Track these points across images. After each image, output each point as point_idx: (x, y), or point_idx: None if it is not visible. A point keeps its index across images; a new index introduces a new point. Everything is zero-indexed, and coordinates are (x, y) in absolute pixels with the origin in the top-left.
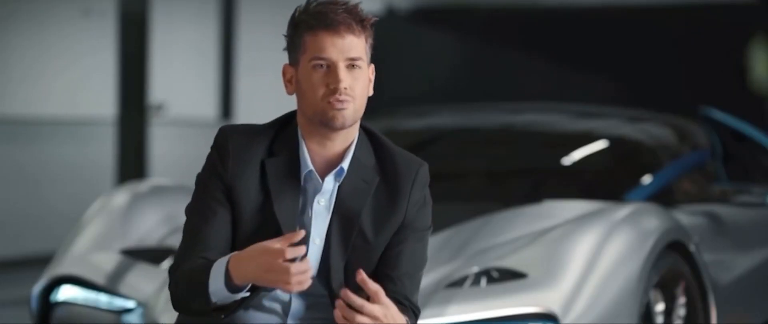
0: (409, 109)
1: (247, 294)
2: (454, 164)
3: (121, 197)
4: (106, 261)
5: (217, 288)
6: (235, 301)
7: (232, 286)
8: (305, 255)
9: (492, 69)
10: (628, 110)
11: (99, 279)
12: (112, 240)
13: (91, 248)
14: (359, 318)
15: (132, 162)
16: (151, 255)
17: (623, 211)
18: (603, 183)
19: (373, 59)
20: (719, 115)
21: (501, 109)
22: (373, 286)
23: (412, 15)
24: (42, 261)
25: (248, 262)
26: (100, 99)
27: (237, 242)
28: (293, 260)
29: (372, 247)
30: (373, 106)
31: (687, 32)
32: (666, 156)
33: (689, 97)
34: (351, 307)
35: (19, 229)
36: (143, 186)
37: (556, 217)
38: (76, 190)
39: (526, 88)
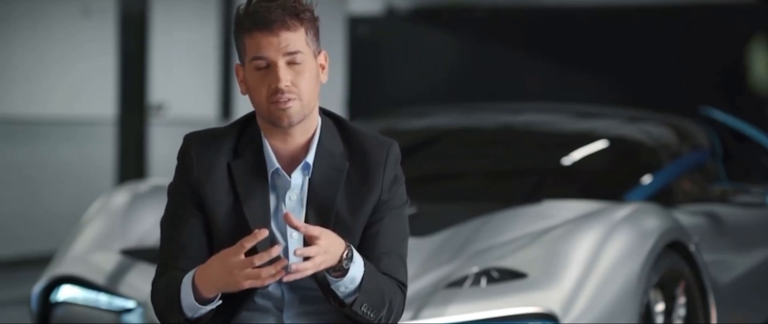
0: (409, 109)
1: (219, 302)
2: (454, 164)
3: (121, 197)
4: (106, 261)
5: (188, 302)
6: (211, 312)
7: (200, 299)
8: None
9: (492, 69)
10: (628, 110)
11: (99, 279)
12: (112, 240)
13: (91, 248)
14: (309, 254)
15: (132, 162)
16: (151, 255)
17: (623, 211)
18: (603, 183)
19: (374, 59)
20: (719, 115)
21: (501, 109)
22: (312, 230)
23: (412, 15)
24: (42, 261)
25: (210, 270)
26: (100, 99)
27: (213, 247)
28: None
29: (350, 230)
30: (373, 106)
31: (687, 32)
32: (666, 156)
33: (689, 97)
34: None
35: (19, 229)
36: (143, 186)
37: (556, 217)
38: (76, 190)
39: (527, 88)
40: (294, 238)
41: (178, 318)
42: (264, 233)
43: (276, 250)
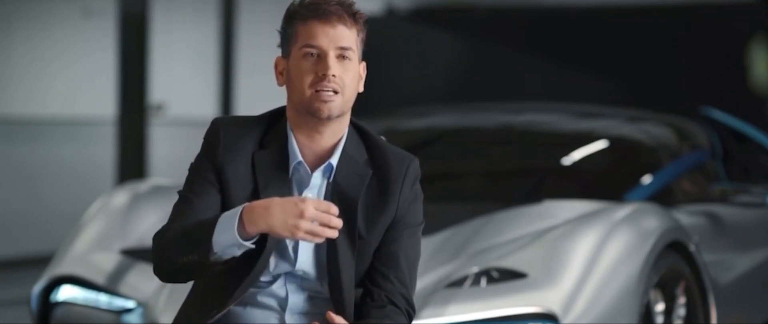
0: (409, 109)
1: (253, 246)
2: (454, 164)
3: (121, 197)
4: (106, 261)
5: (224, 237)
6: (241, 250)
7: (244, 235)
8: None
9: (492, 69)
10: (628, 110)
11: (99, 279)
12: (112, 240)
13: (91, 248)
14: None
15: (132, 162)
16: (151, 255)
17: (623, 211)
18: (603, 183)
19: (373, 59)
20: (719, 115)
21: (501, 109)
22: None
23: (412, 15)
24: (42, 261)
25: (268, 208)
26: (100, 99)
27: None
28: None
29: (366, 243)
30: (373, 106)
31: (687, 32)
32: (666, 156)
33: (689, 97)
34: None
35: (19, 229)
36: (143, 186)
37: (556, 217)
38: (76, 190)
39: (527, 88)
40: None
41: (195, 256)
42: (335, 210)
43: (335, 209)
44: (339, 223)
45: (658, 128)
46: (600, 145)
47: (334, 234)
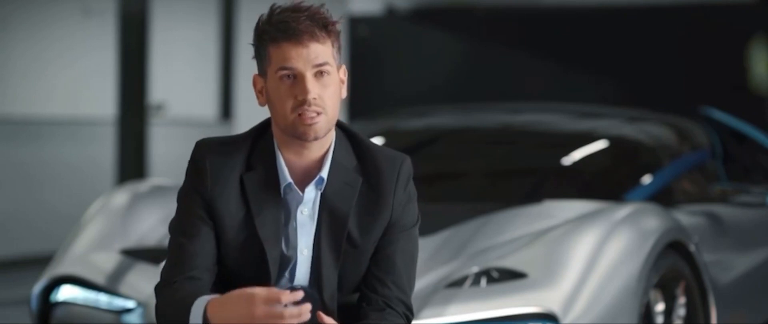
0: (409, 109)
1: None
2: (454, 164)
3: (121, 197)
4: (106, 261)
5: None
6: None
7: None
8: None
9: (492, 69)
10: (628, 110)
11: (99, 279)
12: (112, 240)
13: (91, 248)
14: None
15: (132, 162)
16: (151, 255)
17: (623, 211)
18: (603, 183)
19: (374, 59)
20: (719, 115)
21: (501, 109)
22: None
23: (412, 15)
24: (42, 261)
25: (231, 307)
26: (100, 99)
27: (222, 258)
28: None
29: (361, 251)
30: (373, 106)
31: (687, 32)
32: (666, 156)
33: (689, 97)
34: None
35: (19, 229)
36: (143, 186)
37: (556, 217)
38: (76, 190)
39: (527, 88)
40: (304, 255)
41: None
42: (299, 295)
43: (299, 295)
44: (298, 310)
45: (658, 128)
46: (600, 145)
47: (298, 319)
